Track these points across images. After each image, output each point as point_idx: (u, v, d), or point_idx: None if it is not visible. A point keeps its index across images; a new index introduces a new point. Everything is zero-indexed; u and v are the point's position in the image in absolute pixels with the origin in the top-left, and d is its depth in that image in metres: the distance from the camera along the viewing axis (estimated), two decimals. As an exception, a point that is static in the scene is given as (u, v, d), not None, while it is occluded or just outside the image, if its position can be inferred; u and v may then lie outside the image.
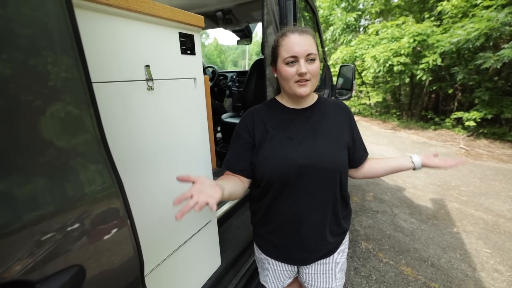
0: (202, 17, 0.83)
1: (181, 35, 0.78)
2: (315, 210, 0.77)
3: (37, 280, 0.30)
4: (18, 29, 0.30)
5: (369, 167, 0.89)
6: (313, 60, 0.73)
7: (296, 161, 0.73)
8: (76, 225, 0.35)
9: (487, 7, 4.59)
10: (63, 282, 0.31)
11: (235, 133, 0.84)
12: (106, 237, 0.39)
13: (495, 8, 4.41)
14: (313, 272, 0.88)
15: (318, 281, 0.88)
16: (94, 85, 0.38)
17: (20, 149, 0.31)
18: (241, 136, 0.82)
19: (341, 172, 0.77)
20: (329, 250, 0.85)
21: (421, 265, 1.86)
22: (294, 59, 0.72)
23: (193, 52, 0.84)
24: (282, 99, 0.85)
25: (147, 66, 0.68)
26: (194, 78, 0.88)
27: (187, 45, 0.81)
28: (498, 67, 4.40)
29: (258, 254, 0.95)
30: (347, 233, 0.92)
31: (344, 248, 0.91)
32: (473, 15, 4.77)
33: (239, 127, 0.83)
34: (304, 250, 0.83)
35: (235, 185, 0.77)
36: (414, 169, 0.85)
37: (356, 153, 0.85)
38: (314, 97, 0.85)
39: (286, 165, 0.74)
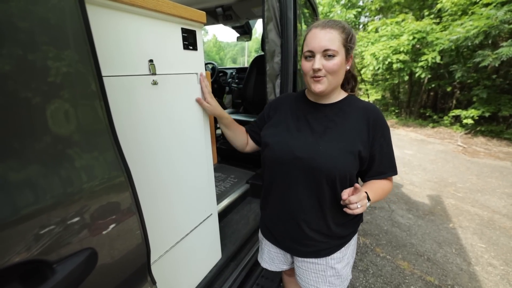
0: (204, 12, 0.84)
1: (184, 30, 0.79)
2: (302, 204, 0.79)
3: (54, 260, 0.32)
4: (42, 28, 0.34)
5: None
6: (331, 56, 0.70)
7: (294, 152, 0.76)
8: (90, 212, 0.37)
9: (486, 5, 4.61)
10: (77, 263, 0.33)
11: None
12: (117, 224, 0.41)
13: (494, 6, 4.42)
14: (304, 268, 0.89)
15: (308, 278, 0.88)
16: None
17: (34, 139, 0.33)
18: (262, 114, 0.97)
19: (337, 177, 0.72)
20: (319, 250, 0.83)
21: (417, 260, 1.90)
22: (311, 54, 0.72)
23: (195, 48, 0.85)
24: (307, 92, 0.87)
25: (151, 61, 0.69)
26: (196, 74, 0.89)
27: (189, 40, 0.82)
28: (497, 65, 4.43)
29: (259, 234, 1.04)
30: (349, 243, 0.86)
31: (342, 255, 0.85)
32: (473, 13, 4.78)
33: (267, 106, 0.98)
34: (292, 240, 0.85)
35: (238, 127, 0.99)
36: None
37: (374, 168, 0.79)
38: (341, 94, 0.81)
39: (284, 152, 0.79)
